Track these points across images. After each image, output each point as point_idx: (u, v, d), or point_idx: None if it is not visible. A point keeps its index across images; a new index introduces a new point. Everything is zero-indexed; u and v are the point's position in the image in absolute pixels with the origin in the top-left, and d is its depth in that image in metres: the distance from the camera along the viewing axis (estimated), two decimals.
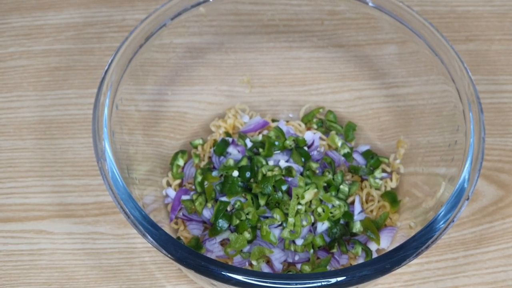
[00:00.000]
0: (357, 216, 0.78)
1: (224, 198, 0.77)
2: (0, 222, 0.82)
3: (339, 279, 0.61)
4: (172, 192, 0.80)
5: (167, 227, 0.78)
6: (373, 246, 0.77)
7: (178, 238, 0.78)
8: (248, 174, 0.78)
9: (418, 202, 0.76)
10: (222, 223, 0.76)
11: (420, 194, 0.77)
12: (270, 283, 0.61)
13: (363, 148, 0.85)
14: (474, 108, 0.70)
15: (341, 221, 0.77)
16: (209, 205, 0.77)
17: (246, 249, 0.75)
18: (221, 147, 0.82)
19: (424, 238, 0.64)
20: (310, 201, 0.76)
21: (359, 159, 0.83)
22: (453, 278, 0.79)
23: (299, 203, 0.76)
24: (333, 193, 0.78)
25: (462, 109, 0.71)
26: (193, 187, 0.80)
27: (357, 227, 0.77)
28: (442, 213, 0.65)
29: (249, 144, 0.82)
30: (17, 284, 0.79)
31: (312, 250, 0.75)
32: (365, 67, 0.85)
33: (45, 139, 0.87)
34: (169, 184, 0.82)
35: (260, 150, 0.81)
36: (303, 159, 0.80)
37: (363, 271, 0.61)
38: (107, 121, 0.69)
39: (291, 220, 0.75)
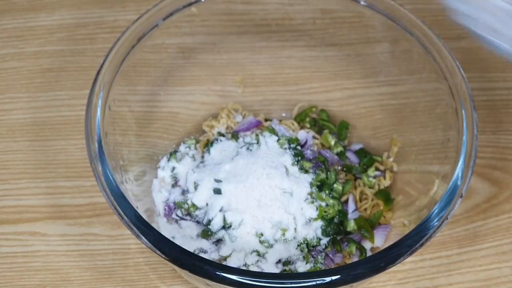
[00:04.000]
0: (351, 215, 0.78)
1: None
2: None
3: (333, 277, 0.61)
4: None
5: (161, 228, 0.78)
6: (367, 245, 0.77)
7: (173, 238, 0.78)
8: None
9: (411, 200, 0.76)
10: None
11: (413, 192, 0.77)
12: (265, 282, 0.61)
13: (356, 146, 0.85)
14: (467, 105, 0.71)
15: (335, 220, 0.77)
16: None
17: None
18: None
19: (418, 236, 0.64)
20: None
21: (352, 157, 0.84)
22: (447, 275, 0.79)
23: None
24: (327, 192, 0.78)
25: (454, 106, 0.71)
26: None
27: (351, 225, 0.77)
28: (436, 211, 0.65)
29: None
30: (12, 286, 0.78)
31: (306, 249, 0.75)
32: (357, 65, 0.85)
33: (38, 141, 0.87)
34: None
35: None
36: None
37: (357, 269, 0.61)
38: (100, 122, 0.69)
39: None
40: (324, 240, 0.76)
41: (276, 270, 0.74)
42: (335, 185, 0.79)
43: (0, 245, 0.81)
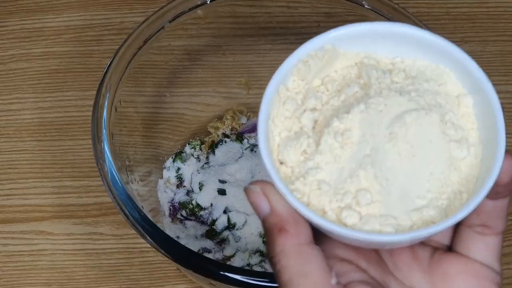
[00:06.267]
0: None
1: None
2: (0, 223, 0.83)
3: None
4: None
5: (166, 228, 0.78)
6: None
7: (177, 238, 0.78)
8: None
9: None
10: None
11: None
12: (269, 282, 0.61)
13: None
14: None
15: None
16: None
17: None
18: None
19: None
20: None
21: None
22: None
23: None
24: None
25: None
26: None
27: None
28: None
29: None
30: (18, 285, 0.79)
31: None
32: None
33: (45, 141, 0.87)
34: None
35: None
36: None
37: None
38: (106, 123, 0.70)
39: None
40: None
41: None
42: None
43: (6, 244, 0.81)
